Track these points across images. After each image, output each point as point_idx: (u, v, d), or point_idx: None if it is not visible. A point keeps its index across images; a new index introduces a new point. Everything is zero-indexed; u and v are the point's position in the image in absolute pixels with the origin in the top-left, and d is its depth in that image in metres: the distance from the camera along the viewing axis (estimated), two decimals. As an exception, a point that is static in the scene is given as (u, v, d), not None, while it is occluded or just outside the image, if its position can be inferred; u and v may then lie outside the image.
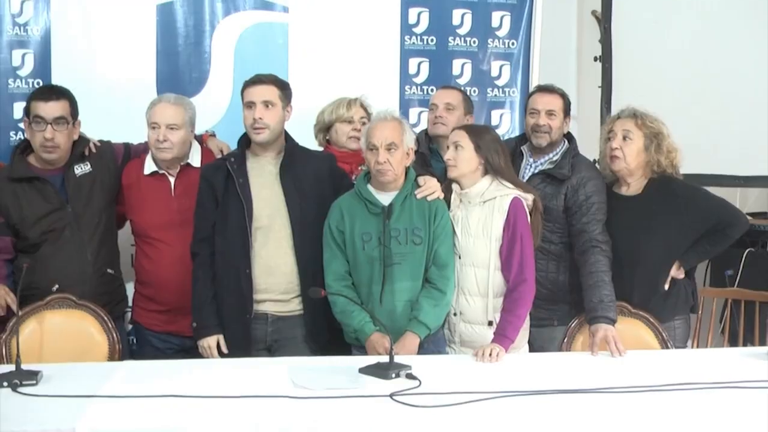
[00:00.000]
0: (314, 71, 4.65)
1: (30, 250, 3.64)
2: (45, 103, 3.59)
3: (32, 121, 3.59)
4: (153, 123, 3.66)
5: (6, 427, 2.37)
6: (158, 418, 2.49)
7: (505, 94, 5.03)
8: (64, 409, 2.54)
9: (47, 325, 3.47)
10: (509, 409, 2.59)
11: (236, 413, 2.53)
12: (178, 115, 3.67)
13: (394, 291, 3.36)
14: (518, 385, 2.78)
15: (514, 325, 3.32)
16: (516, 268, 3.36)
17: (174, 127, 3.65)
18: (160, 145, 3.64)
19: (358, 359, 3.14)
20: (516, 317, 3.34)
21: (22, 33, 4.54)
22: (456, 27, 4.93)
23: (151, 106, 3.71)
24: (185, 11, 4.63)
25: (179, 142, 3.67)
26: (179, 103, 3.72)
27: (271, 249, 3.47)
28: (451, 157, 3.42)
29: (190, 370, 3.08)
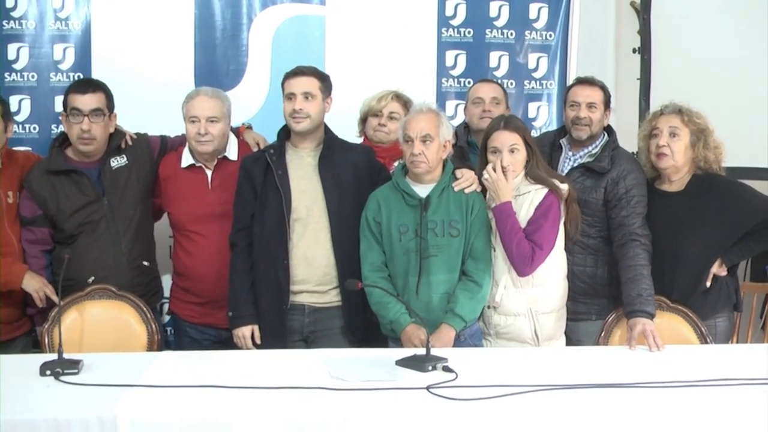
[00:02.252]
0: (351, 64, 4.65)
1: (67, 242, 3.69)
2: (82, 96, 3.63)
3: (69, 113, 3.64)
4: (192, 117, 3.68)
5: (49, 414, 2.42)
6: (196, 408, 2.52)
7: (543, 86, 5.00)
8: (105, 398, 2.57)
9: (88, 316, 3.52)
10: (546, 402, 2.59)
11: (273, 404, 2.55)
12: (217, 108, 3.69)
13: (430, 283, 3.36)
14: (555, 379, 2.77)
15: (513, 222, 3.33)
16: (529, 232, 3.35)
17: (214, 119, 3.67)
18: (201, 138, 3.66)
19: (395, 351, 3.13)
20: (516, 226, 3.34)
21: (64, 27, 4.62)
22: (493, 19, 4.90)
23: (188, 99, 3.73)
24: (223, 4, 4.66)
25: (219, 135, 3.70)
26: (217, 96, 3.74)
27: (308, 240, 3.50)
28: (510, 163, 3.38)
29: (228, 360, 3.10)
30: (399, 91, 4.12)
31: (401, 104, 4.06)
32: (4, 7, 4.56)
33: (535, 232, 3.35)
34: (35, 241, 3.67)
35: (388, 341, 3.46)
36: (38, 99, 4.59)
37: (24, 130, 4.51)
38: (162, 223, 3.98)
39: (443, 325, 3.32)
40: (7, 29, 4.58)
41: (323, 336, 3.51)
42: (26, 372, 2.81)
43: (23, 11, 4.58)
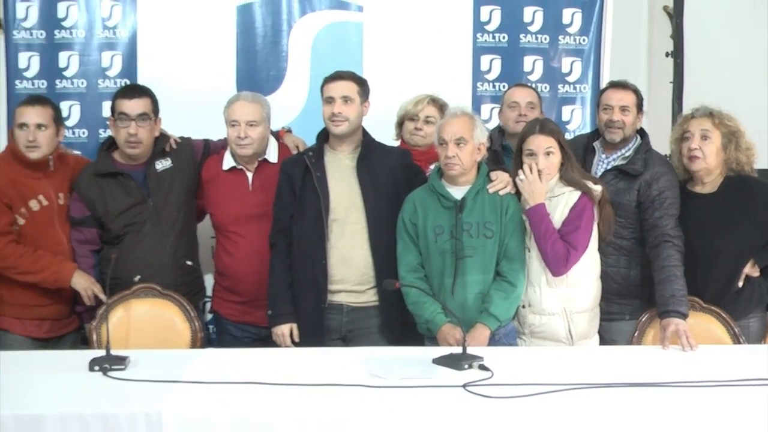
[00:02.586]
0: (388, 69, 4.69)
1: (114, 242, 3.77)
2: (129, 101, 3.72)
3: (117, 118, 3.73)
4: (232, 121, 3.74)
5: (98, 409, 2.48)
6: (239, 404, 2.56)
7: (576, 90, 5.02)
8: (151, 393, 2.63)
9: (133, 314, 3.59)
10: (580, 401, 2.60)
11: (313, 401, 2.58)
12: (257, 112, 3.76)
13: (465, 283, 3.40)
14: (589, 378, 2.77)
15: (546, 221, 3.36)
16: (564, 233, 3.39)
17: (253, 123, 3.73)
18: (241, 142, 3.73)
19: (431, 350, 3.16)
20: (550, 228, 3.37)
21: (111, 36, 4.75)
22: (527, 24, 4.93)
23: (229, 104, 3.80)
24: (264, 12, 4.76)
25: (258, 138, 3.76)
26: (256, 101, 3.81)
27: (346, 241, 3.55)
28: (545, 166, 3.42)
29: (269, 358, 3.15)
30: (435, 96, 4.16)
31: (437, 108, 4.10)
32: (56, 17, 4.70)
33: (570, 233, 3.38)
34: (84, 241, 3.76)
35: (425, 340, 3.49)
36: (87, 104, 4.72)
37: (73, 135, 4.63)
38: (204, 224, 4.06)
39: (478, 325, 3.35)
40: (59, 38, 4.72)
41: (361, 335, 3.56)
42: (76, 367, 2.88)
43: (74, 21, 4.72)
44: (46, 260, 3.62)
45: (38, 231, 3.67)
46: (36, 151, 3.63)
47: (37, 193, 3.67)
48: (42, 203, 3.67)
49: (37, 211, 3.66)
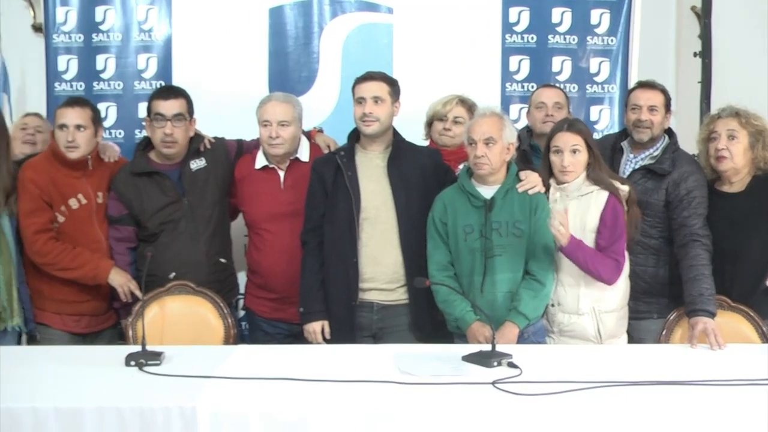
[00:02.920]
0: (418, 69, 4.71)
1: (150, 240, 3.82)
2: (165, 101, 3.78)
3: (153, 118, 3.79)
4: (264, 121, 3.79)
5: (134, 403, 2.52)
6: (271, 399, 2.59)
7: (604, 90, 5.01)
8: (186, 388, 2.66)
9: (168, 310, 3.65)
10: (609, 399, 2.60)
11: (345, 397, 2.61)
12: (288, 112, 3.80)
13: (494, 282, 3.41)
14: (618, 376, 2.78)
15: (586, 250, 3.38)
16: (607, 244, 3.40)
17: (285, 123, 3.78)
18: (273, 142, 3.78)
19: (461, 347, 3.18)
20: (591, 251, 3.39)
21: (147, 39, 4.83)
22: (556, 25, 4.94)
23: (261, 104, 3.84)
24: (295, 14, 4.80)
25: (290, 138, 3.80)
26: (288, 101, 3.85)
27: (377, 240, 3.58)
28: (570, 163, 3.45)
29: (300, 354, 3.18)
30: (463, 96, 4.18)
31: (466, 108, 4.12)
32: (94, 20, 4.79)
33: (614, 243, 3.40)
34: (121, 239, 3.82)
35: (454, 338, 3.51)
36: (123, 106, 4.80)
37: (110, 135, 4.69)
38: (238, 222, 4.11)
39: (507, 323, 3.36)
40: (96, 41, 4.80)
41: (391, 332, 3.58)
42: (112, 362, 2.93)
43: (111, 24, 4.81)
44: (84, 257, 3.69)
45: (77, 229, 3.73)
46: (75, 151, 3.69)
47: (76, 192, 3.73)
48: (81, 202, 3.73)
49: (77, 209, 3.72)
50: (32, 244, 3.60)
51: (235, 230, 4.13)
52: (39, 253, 3.62)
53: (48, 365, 2.96)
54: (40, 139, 4.33)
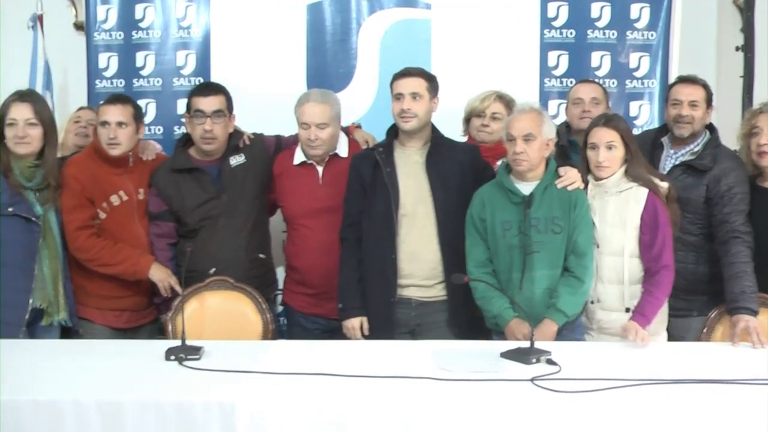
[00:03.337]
0: (456, 65, 4.70)
1: (190, 236, 3.85)
2: (204, 98, 3.80)
3: (193, 114, 3.81)
4: (303, 123, 3.80)
5: (174, 397, 2.56)
6: (310, 394, 2.62)
7: (644, 85, 4.96)
8: (225, 383, 2.69)
9: (207, 305, 3.67)
10: (649, 397, 2.59)
11: (382, 393, 2.63)
12: (326, 113, 3.79)
13: (533, 278, 3.40)
14: (658, 374, 2.77)
15: (652, 306, 3.34)
16: (657, 254, 3.37)
17: (323, 125, 3.78)
18: (312, 143, 3.79)
19: (499, 344, 3.18)
20: (655, 299, 3.35)
21: (186, 35, 4.88)
22: (595, 20, 4.90)
23: (300, 104, 3.84)
24: (333, 10, 4.82)
25: (328, 139, 3.81)
26: (325, 101, 3.83)
27: (415, 236, 3.57)
28: (605, 159, 3.42)
29: (339, 350, 3.19)
30: (501, 92, 4.16)
31: (504, 104, 4.10)
32: (134, 18, 4.85)
33: (663, 250, 3.38)
34: (161, 235, 3.86)
35: (492, 334, 3.50)
36: (162, 102, 4.85)
37: (149, 132, 4.72)
38: (275, 218, 4.14)
39: (546, 320, 3.35)
40: (136, 39, 4.87)
41: (429, 329, 3.57)
42: (152, 356, 2.97)
43: (150, 22, 4.87)
44: (125, 253, 3.72)
45: (118, 225, 3.76)
46: (117, 148, 3.72)
47: (118, 189, 3.76)
48: (122, 198, 3.76)
49: (118, 205, 3.75)
50: (74, 240, 3.64)
51: (273, 226, 4.16)
52: (80, 249, 3.66)
53: (89, 359, 3.01)
54: (93, 132, 4.36)
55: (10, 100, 3.50)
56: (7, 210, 3.43)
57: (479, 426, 2.52)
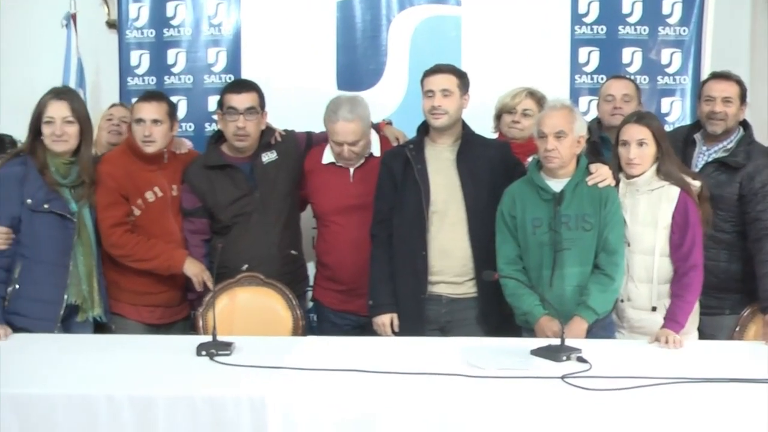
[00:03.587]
0: (486, 62, 4.69)
1: (223, 232, 3.87)
2: (237, 95, 3.82)
3: (225, 112, 3.83)
4: (336, 141, 3.79)
5: (205, 392, 2.58)
6: (339, 390, 2.63)
7: (676, 81, 4.92)
8: (255, 378, 2.71)
9: (238, 301, 3.70)
10: (680, 395, 2.58)
11: (412, 389, 2.63)
12: (357, 130, 3.78)
13: (563, 276, 3.39)
14: (689, 372, 2.75)
15: (684, 311, 3.31)
16: (686, 254, 3.35)
17: (356, 141, 3.78)
18: (346, 157, 3.81)
19: (529, 341, 3.17)
20: (686, 303, 3.33)
21: (216, 33, 4.92)
22: (626, 15, 4.87)
23: (330, 121, 3.80)
24: (363, 7, 4.84)
25: (361, 151, 3.83)
26: (355, 117, 3.77)
27: (446, 233, 3.57)
28: (636, 156, 3.40)
29: (369, 346, 3.20)
30: (532, 89, 4.15)
31: (535, 101, 4.09)
32: (165, 16, 4.90)
33: (693, 247, 3.35)
34: (195, 231, 3.87)
35: (522, 332, 3.50)
36: (193, 99, 4.89)
37: (180, 129, 4.62)
38: (305, 214, 4.15)
39: (576, 318, 3.34)
40: (167, 36, 4.92)
41: (459, 326, 3.58)
42: (184, 351, 2.99)
43: (181, 19, 4.91)
44: (159, 248, 3.73)
45: (153, 221, 3.78)
46: (152, 145, 3.74)
47: (152, 185, 3.78)
48: (157, 195, 3.78)
49: (153, 202, 3.77)
50: (108, 237, 3.66)
51: (303, 222, 4.17)
52: (115, 246, 3.68)
53: (122, 354, 3.04)
54: (125, 129, 4.39)
55: (47, 98, 3.52)
56: (43, 207, 3.46)
57: (509, 423, 2.52)
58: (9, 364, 2.87)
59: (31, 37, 5.31)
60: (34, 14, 5.32)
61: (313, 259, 4.16)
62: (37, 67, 5.14)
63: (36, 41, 5.28)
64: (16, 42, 5.30)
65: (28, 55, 5.27)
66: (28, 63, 5.23)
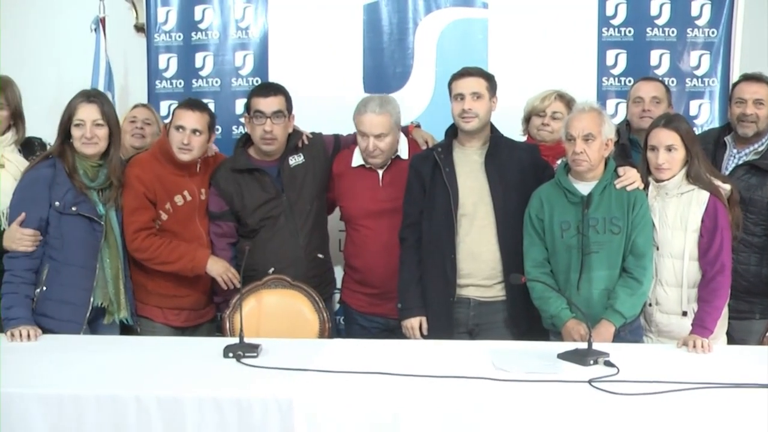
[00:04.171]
0: (513, 65, 4.67)
1: (250, 235, 3.87)
2: (264, 99, 3.83)
3: (252, 115, 3.83)
4: (362, 132, 3.81)
5: (232, 393, 2.59)
6: (366, 393, 2.63)
7: (705, 84, 4.87)
8: (282, 380, 2.71)
9: (265, 303, 3.70)
10: (709, 401, 2.56)
11: (439, 392, 2.63)
12: (385, 124, 3.79)
13: (591, 279, 3.38)
14: (718, 377, 2.73)
15: (712, 316, 3.28)
16: (713, 258, 3.32)
17: (382, 136, 3.79)
18: (371, 153, 3.81)
19: (557, 345, 3.17)
20: (714, 308, 3.30)
21: (244, 36, 4.94)
22: (654, 17, 4.83)
23: (358, 113, 3.83)
24: (390, 10, 4.84)
25: (387, 148, 3.82)
26: (384, 111, 3.80)
27: (475, 236, 3.57)
28: (665, 161, 3.38)
29: (396, 349, 3.20)
30: (562, 91, 4.14)
31: (564, 104, 4.08)
32: (193, 19, 4.93)
33: (721, 251, 3.32)
34: (222, 235, 3.87)
35: (549, 335, 3.49)
36: (221, 102, 4.88)
37: None
38: (332, 217, 4.16)
39: (603, 321, 3.32)
40: (195, 40, 4.94)
41: (487, 329, 3.57)
42: (211, 353, 3.00)
43: (209, 23, 4.94)
44: (182, 249, 3.74)
45: (180, 225, 3.79)
46: (188, 154, 3.73)
47: (182, 189, 3.78)
48: (186, 198, 3.79)
49: (181, 205, 3.78)
50: (132, 241, 3.67)
51: (330, 225, 4.17)
52: (138, 250, 3.69)
53: (150, 355, 3.07)
54: (149, 132, 4.43)
55: (77, 101, 3.54)
56: (71, 209, 3.48)
57: (536, 427, 2.52)
58: (39, 364, 2.90)
59: (61, 41, 5.37)
60: (64, 18, 5.39)
61: (340, 262, 4.16)
62: (66, 71, 5.22)
63: (65, 45, 5.35)
64: (45, 46, 5.37)
65: (58, 58, 5.34)
66: (58, 66, 5.29)
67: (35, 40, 5.38)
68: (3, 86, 3.65)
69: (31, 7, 5.46)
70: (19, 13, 5.43)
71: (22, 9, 5.45)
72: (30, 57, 5.29)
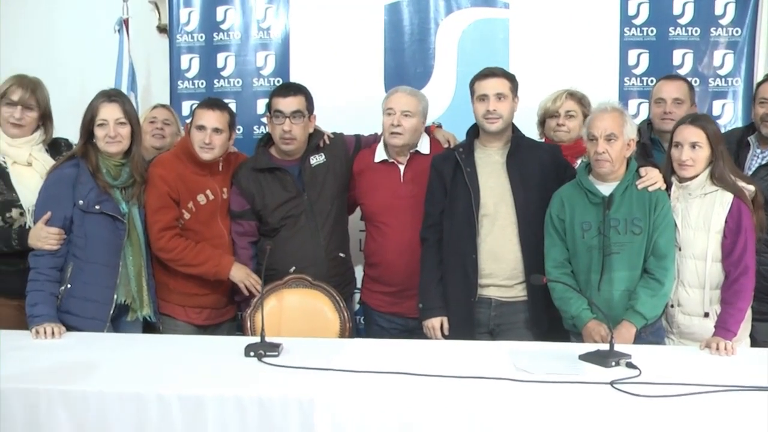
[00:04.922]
0: (535, 65, 4.67)
1: (270, 234, 3.89)
2: (284, 99, 3.85)
3: (273, 115, 3.86)
4: (388, 109, 3.84)
5: (254, 392, 2.60)
6: (386, 393, 2.62)
7: (728, 83, 4.85)
8: (303, 380, 2.72)
9: (285, 303, 3.71)
10: (731, 403, 2.54)
11: (460, 393, 2.62)
12: (412, 104, 3.84)
13: (612, 280, 3.36)
14: (741, 380, 2.70)
15: (736, 318, 3.25)
16: (737, 259, 3.29)
17: (408, 113, 3.81)
18: (394, 129, 3.82)
19: (578, 346, 3.16)
20: (738, 310, 3.27)
21: (265, 36, 4.98)
22: (677, 17, 4.81)
23: (388, 95, 3.91)
24: (411, 10, 4.85)
25: (411, 129, 3.83)
26: (414, 95, 3.90)
27: (496, 236, 3.57)
28: (688, 158, 3.35)
29: (416, 349, 3.18)
30: (572, 89, 4.14)
31: (576, 101, 4.08)
32: (215, 20, 4.97)
33: (744, 253, 3.30)
34: (243, 234, 3.90)
35: (570, 336, 3.48)
36: (242, 102, 4.93)
37: None
38: (353, 217, 4.17)
39: (624, 322, 3.31)
40: (217, 40, 4.99)
41: (508, 329, 3.57)
42: (232, 352, 3.02)
43: (231, 24, 4.98)
44: (207, 253, 3.76)
45: (202, 224, 3.81)
46: (210, 152, 3.76)
47: (205, 188, 3.81)
48: (209, 198, 3.81)
49: (204, 205, 3.80)
50: (157, 240, 3.70)
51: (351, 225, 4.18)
52: (163, 250, 3.72)
53: (172, 353, 3.09)
54: (168, 132, 4.46)
55: (99, 102, 3.58)
56: (94, 208, 3.51)
57: (557, 429, 2.50)
58: (63, 361, 2.93)
59: (85, 43, 5.43)
60: (88, 20, 5.45)
61: (360, 262, 4.17)
62: (90, 72, 5.26)
63: (89, 46, 5.40)
64: (70, 47, 5.44)
65: (82, 59, 5.39)
66: (82, 68, 5.34)
67: (60, 42, 5.46)
68: (33, 88, 3.69)
69: (55, 10, 5.54)
70: (44, 16, 5.51)
71: (47, 12, 5.52)
72: (55, 58, 5.34)
